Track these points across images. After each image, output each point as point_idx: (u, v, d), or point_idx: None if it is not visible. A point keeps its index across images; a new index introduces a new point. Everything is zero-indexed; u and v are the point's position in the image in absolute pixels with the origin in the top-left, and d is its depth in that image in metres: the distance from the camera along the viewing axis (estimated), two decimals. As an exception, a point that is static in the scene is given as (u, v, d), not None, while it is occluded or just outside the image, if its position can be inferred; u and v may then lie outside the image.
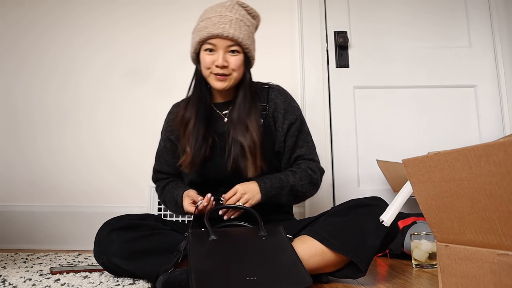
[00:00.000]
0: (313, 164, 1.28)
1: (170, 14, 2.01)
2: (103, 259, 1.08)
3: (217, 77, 1.20)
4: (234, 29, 1.16)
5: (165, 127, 1.37)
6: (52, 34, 2.00)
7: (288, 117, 1.27)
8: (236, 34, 1.17)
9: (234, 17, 1.18)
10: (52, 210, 1.86)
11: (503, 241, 0.59)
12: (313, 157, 1.29)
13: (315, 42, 2.00)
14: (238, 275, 0.88)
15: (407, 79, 2.01)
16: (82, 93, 1.97)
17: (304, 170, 1.24)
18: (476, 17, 2.07)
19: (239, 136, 1.19)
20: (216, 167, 1.22)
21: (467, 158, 0.61)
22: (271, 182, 1.19)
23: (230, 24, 1.16)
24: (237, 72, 1.21)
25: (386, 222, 0.95)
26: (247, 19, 1.22)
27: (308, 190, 1.25)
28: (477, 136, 1.98)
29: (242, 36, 1.18)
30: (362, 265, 1.00)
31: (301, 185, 1.22)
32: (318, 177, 1.26)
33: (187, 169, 1.21)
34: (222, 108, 1.29)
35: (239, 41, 1.17)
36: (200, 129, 1.22)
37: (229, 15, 1.18)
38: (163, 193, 1.34)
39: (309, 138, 1.32)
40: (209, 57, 1.19)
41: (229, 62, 1.18)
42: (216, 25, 1.16)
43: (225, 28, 1.16)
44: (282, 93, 1.31)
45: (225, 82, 1.21)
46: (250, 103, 1.23)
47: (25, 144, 1.93)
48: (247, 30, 1.20)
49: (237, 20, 1.18)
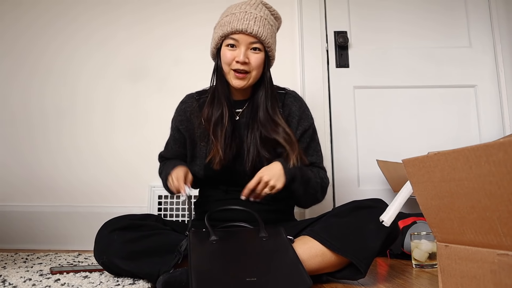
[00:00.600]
0: (323, 172, 1.28)
1: (167, 13, 2.01)
2: (103, 259, 1.08)
3: (236, 74, 1.19)
4: (258, 26, 1.17)
5: (176, 116, 1.36)
6: (49, 34, 2.00)
7: (302, 123, 1.28)
8: (260, 31, 1.17)
9: (259, 14, 1.19)
10: (51, 210, 1.86)
11: (503, 241, 0.59)
12: (322, 167, 1.31)
13: (315, 42, 2.00)
14: (238, 276, 0.88)
15: (407, 79, 2.01)
16: (80, 93, 1.97)
17: (318, 171, 1.26)
18: (476, 17, 2.07)
19: (272, 134, 1.19)
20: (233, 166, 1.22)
21: (467, 158, 0.61)
22: (294, 168, 1.16)
23: (254, 21, 1.17)
24: (256, 71, 1.21)
25: (386, 222, 0.95)
26: (270, 19, 1.24)
27: (319, 192, 1.24)
28: (477, 136, 1.98)
29: (266, 34, 1.19)
30: (362, 267, 1.00)
31: (315, 182, 1.21)
32: (327, 182, 1.28)
33: (217, 166, 1.19)
34: (237, 105, 1.29)
35: (262, 39, 1.18)
36: (228, 127, 1.22)
37: (254, 12, 1.18)
38: (162, 167, 1.34)
39: (319, 148, 1.33)
40: (231, 53, 1.19)
41: (250, 59, 1.18)
42: (241, 20, 1.16)
43: (249, 24, 1.16)
44: (298, 100, 1.32)
45: (244, 80, 1.20)
46: (273, 102, 1.23)
47: (24, 144, 1.93)
48: (270, 29, 1.21)
49: (261, 18, 1.19)
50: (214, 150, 1.20)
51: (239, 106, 1.28)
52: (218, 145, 1.20)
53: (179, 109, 1.36)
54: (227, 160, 1.20)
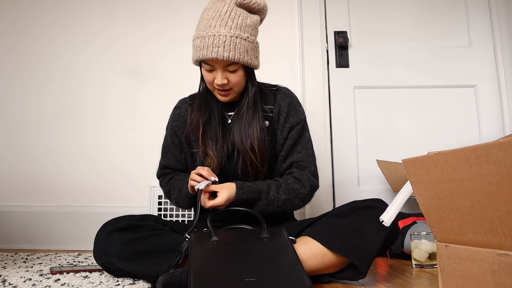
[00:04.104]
0: (306, 176, 1.22)
1: (170, 14, 2.01)
2: (103, 259, 1.07)
3: (220, 92, 1.20)
4: (229, 50, 1.11)
5: (171, 122, 1.36)
6: (50, 34, 2.00)
7: (289, 120, 1.26)
8: (231, 55, 1.11)
9: (228, 35, 1.11)
10: (51, 210, 1.86)
11: (503, 241, 0.59)
12: (308, 165, 1.24)
13: (315, 42, 2.00)
14: (236, 276, 0.88)
15: (407, 79, 2.01)
16: (80, 93, 1.97)
17: (291, 183, 1.19)
18: (476, 17, 2.07)
19: (240, 146, 1.19)
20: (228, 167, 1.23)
21: (467, 158, 0.61)
22: (249, 192, 1.15)
23: (223, 46, 1.10)
24: (238, 87, 1.20)
25: (386, 222, 0.95)
26: (244, 28, 1.14)
27: (290, 204, 1.20)
28: (477, 136, 1.98)
29: (238, 55, 1.12)
30: (362, 267, 1.00)
31: (282, 199, 1.17)
32: (306, 192, 1.20)
33: (216, 171, 1.20)
34: (228, 108, 1.29)
35: (235, 61, 1.13)
36: (218, 131, 1.22)
37: (223, 34, 1.10)
38: (169, 182, 1.33)
39: (309, 145, 1.28)
40: (210, 75, 1.18)
41: (229, 79, 1.17)
42: (210, 48, 1.10)
43: (219, 52, 1.10)
44: (289, 96, 1.30)
45: (227, 96, 1.21)
46: (253, 113, 1.22)
47: (24, 144, 1.93)
48: (244, 45, 1.14)
49: (231, 38, 1.11)
50: (208, 157, 1.21)
51: (230, 109, 1.28)
52: (211, 151, 1.21)
53: (174, 115, 1.36)
54: (221, 163, 1.21)
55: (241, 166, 1.20)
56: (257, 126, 1.20)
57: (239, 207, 1.14)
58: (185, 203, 1.26)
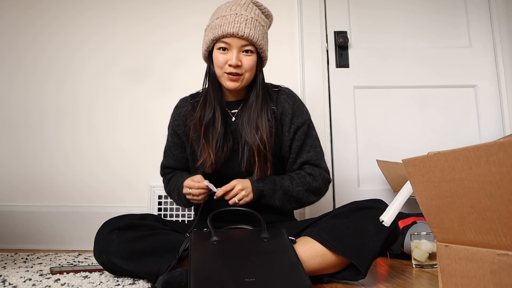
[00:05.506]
0: (317, 171, 1.25)
1: (167, 12, 2.01)
2: (103, 258, 1.07)
3: (230, 76, 1.19)
4: (249, 28, 1.15)
5: (172, 121, 1.36)
6: (48, 34, 2.00)
7: (295, 121, 1.26)
8: (251, 33, 1.16)
9: (249, 16, 1.17)
10: (51, 210, 1.86)
11: (503, 241, 0.59)
12: (320, 163, 1.27)
13: (315, 42, 2.00)
14: (236, 276, 0.88)
15: (407, 79, 2.01)
16: (79, 92, 1.97)
17: (303, 176, 1.23)
18: (476, 17, 2.07)
19: (248, 137, 1.19)
20: (229, 167, 1.23)
21: (467, 158, 0.61)
22: (264, 183, 1.19)
23: (245, 23, 1.15)
24: (249, 73, 1.20)
25: (386, 222, 0.95)
26: (261, 19, 1.21)
27: (306, 197, 1.23)
28: (477, 136, 1.98)
29: (257, 36, 1.17)
30: (362, 268, 1.00)
31: (296, 191, 1.20)
32: (318, 185, 1.24)
33: (209, 170, 1.20)
34: (232, 106, 1.29)
35: (253, 41, 1.16)
36: (220, 130, 1.22)
37: (244, 14, 1.16)
38: (168, 184, 1.34)
39: (317, 143, 1.30)
40: (223, 56, 1.18)
41: (242, 61, 1.18)
42: (232, 23, 1.15)
43: (240, 27, 1.14)
44: (291, 97, 1.30)
45: (237, 82, 1.20)
46: (262, 104, 1.22)
47: (23, 144, 1.93)
48: (261, 30, 1.19)
49: (252, 20, 1.17)
50: (205, 154, 1.21)
51: (234, 107, 1.28)
52: (209, 148, 1.20)
53: (175, 114, 1.36)
54: (219, 163, 1.21)
55: (245, 164, 1.19)
56: (266, 117, 1.21)
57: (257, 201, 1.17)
58: (186, 204, 1.27)
